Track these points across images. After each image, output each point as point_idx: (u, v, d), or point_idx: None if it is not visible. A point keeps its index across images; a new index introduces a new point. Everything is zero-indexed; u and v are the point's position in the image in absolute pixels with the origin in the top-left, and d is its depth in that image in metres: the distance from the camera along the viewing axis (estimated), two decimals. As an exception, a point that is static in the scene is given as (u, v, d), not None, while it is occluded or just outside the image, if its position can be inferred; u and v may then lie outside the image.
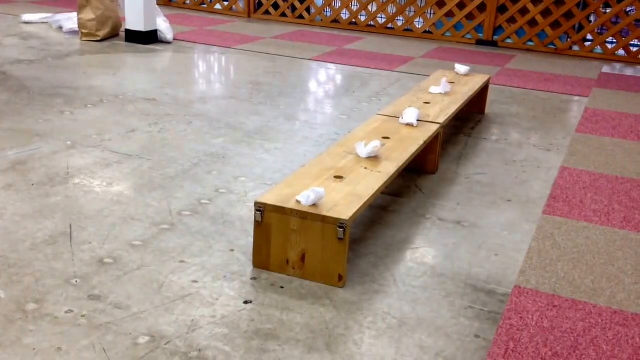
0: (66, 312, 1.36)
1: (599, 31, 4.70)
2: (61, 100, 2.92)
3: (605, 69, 4.30)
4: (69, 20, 4.48)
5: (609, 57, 4.59)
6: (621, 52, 4.60)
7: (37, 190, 1.96)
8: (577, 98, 3.49)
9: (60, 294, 1.43)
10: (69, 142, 2.39)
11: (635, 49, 4.55)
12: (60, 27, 4.51)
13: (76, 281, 1.48)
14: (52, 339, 1.28)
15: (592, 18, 4.74)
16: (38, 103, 2.85)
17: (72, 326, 1.32)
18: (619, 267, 1.66)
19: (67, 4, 5.48)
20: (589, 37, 4.73)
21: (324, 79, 3.71)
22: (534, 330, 1.37)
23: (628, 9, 4.48)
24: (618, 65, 4.44)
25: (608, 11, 4.51)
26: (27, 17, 4.73)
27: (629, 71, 4.28)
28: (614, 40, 4.59)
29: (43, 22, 4.72)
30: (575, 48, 4.70)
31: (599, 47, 4.63)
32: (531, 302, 1.48)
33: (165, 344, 1.28)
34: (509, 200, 2.09)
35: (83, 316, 1.35)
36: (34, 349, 1.24)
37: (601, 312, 1.46)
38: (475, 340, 1.35)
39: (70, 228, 1.73)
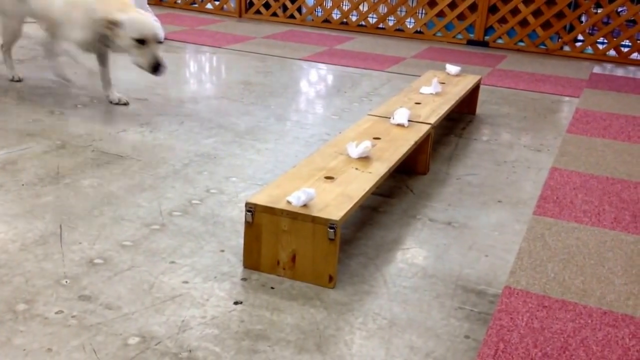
0: (56, 313, 1.35)
1: (590, 31, 4.74)
2: (51, 99, 2.90)
3: (596, 69, 4.33)
4: (60, 18, 4.43)
5: (600, 58, 4.63)
6: (612, 52, 4.64)
7: (27, 190, 1.94)
8: (567, 98, 3.52)
9: (51, 295, 1.42)
10: (59, 142, 2.37)
11: (626, 50, 4.59)
12: (51, 26, 4.46)
13: (66, 282, 1.47)
14: (42, 339, 1.27)
15: (583, 18, 4.78)
16: (28, 103, 2.83)
17: (62, 327, 1.31)
18: (609, 267, 1.68)
19: (58, 2, 5.43)
20: (580, 37, 4.77)
21: (315, 79, 3.71)
22: (524, 331, 1.38)
23: (619, 9, 4.52)
24: (609, 66, 4.48)
25: (599, 11, 4.55)
26: (17, 15, 4.68)
27: (619, 72, 4.32)
28: (605, 41, 4.63)
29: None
30: (566, 48, 4.74)
31: (589, 47, 4.67)
32: (521, 302, 1.49)
33: (156, 345, 1.27)
34: (499, 201, 2.10)
35: (73, 317, 1.34)
36: (24, 350, 1.24)
37: (591, 312, 1.47)
38: (465, 341, 1.36)
39: (61, 228, 1.72)
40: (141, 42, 2.38)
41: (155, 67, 2.39)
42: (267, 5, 5.53)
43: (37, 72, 3.34)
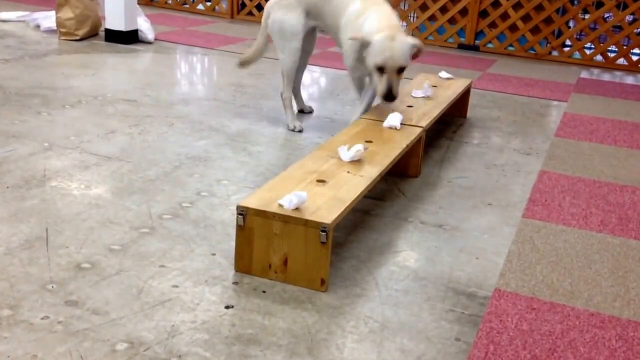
0: (42, 319, 1.33)
1: (578, 37, 4.81)
2: (38, 100, 2.86)
3: (584, 74, 4.39)
4: (47, 18, 4.39)
5: (587, 63, 4.69)
6: (599, 57, 4.70)
7: (13, 193, 1.91)
8: (556, 103, 3.56)
9: (36, 300, 1.39)
10: (46, 144, 2.34)
11: (612, 55, 4.66)
12: (38, 26, 4.42)
13: (52, 286, 1.45)
14: (27, 346, 1.25)
15: (571, 24, 4.84)
16: (14, 103, 2.79)
17: (48, 333, 1.29)
18: (596, 269, 1.70)
19: (45, 2, 5.38)
20: (568, 42, 4.83)
21: (307, 81, 3.71)
22: (514, 333, 1.39)
23: (606, 15, 4.59)
24: (596, 71, 4.54)
25: (586, 17, 4.61)
26: (3, 15, 4.62)
27: (606, 76, 4.38)
28: (592, 46, 4.70)
29: (20, 21, 4.62)
30: (555, 53, 4.79)
31: (577, 52, 4.73)
32: (511, 305, 1.50)
33: (144, 351, 1.26)
34: (489, 204, 2.11)
35: (59, 322, 1.32)
36: (8, 357, 1.21)
37: (579, 314, 1.48)
38: (455, 344, 1.36)
39: (47, 232, 1.69)
40: (381, 69, 2.19)
41: (387, 96, 2.23)
42: (259, 7, 5.52)
43: (24, 72, 3.29)
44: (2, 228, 1.70)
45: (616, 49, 4.63)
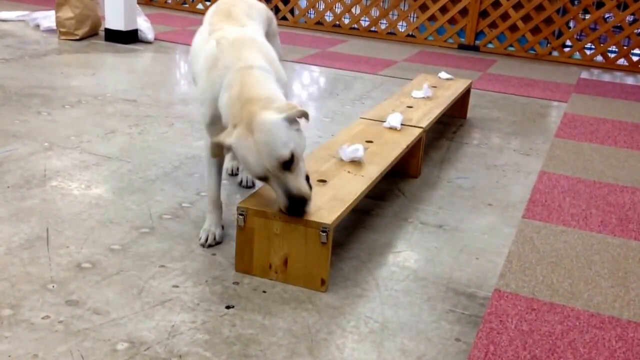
0: (43, 318, 1.33)
1: (578, 37, 4.81)
2: (38, 100, 2.86)
3: (584, 74, 4.39)
4: (47, 18, 4.39)
5: (588, 63, 4.70)
6: (599, 58, 4.70)
7: (13, 192, 1.91)
8: (556, 103, 3.56)
9: (37, 300, 1.39)
10: (46, 144, 2.34)
11: (612, 55, 4.66)
12: (38, 26, 4.42)
13: (53, 286, 1.45)
14: (28, 345, 1.25)
15: (571, 24, 4.84)
16: (14, 103, 2.79)
17: (49, 332, 1.29)
18: (596, 270, 1.70)
19: (45, 2, 5.37)
20: (568, 42, 4.83)
21: (307, 81, 3.71)
22: (514, 333, 1.39)
23: (606, 16, 4.59)
24: (596, 71, 4.54)
25: (587, 17, 4.61)
26: (3, 14, 4.62)
27: (606, 77, 4.38)
28: (592, 47, 4.70)
29: (20, 20, 4.62)
30: (555, 53, 4.80)
31: (577, 53, 4.73)
32: (511, 305, 1.50)
33: (145, 350, 1.26)
34: (489, 205, 2.11)
35: (60, 322, 1.32)
36: (9, 356, 1.21)
37: (579, 315, 1.49)
38: (455, 344, 1.36)
39: (47, 232, 1.69)
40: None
41: (293, 206, 1.44)
42: (258, 7, 5.51)
43: (24, 72, 3.29)
44: (3, 228, 1.70)
45: (616, 50, 4.63)
